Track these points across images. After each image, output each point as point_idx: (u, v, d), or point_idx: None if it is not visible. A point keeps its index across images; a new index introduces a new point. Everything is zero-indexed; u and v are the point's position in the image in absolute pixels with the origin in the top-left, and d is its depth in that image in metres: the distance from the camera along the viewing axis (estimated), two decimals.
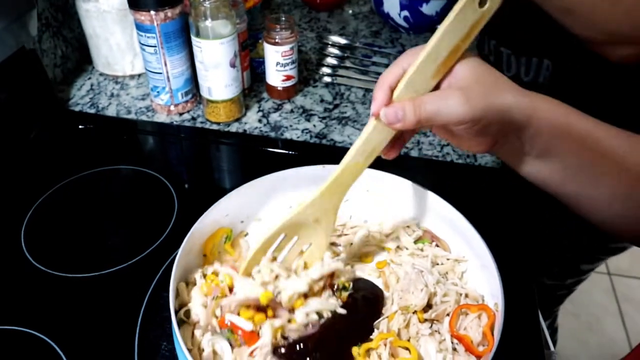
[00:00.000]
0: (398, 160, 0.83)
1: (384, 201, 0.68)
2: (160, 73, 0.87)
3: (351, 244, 0.66)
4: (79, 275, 0.66)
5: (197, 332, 0.55)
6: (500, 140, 0.48)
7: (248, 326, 0.53)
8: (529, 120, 0.45)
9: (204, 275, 0.60)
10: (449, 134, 0.50)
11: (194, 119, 0.91)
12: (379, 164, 0.68)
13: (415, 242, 0.66)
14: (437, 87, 0.47)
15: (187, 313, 0.57)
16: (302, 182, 0.68)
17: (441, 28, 0.44)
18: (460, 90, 0.44)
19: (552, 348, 0.74)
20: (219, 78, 0.84)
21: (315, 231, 0.58)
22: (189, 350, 0.52)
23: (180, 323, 0.56)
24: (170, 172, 0.81)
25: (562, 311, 1.71)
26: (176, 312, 0.55)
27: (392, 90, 0.47)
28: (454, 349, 0.54)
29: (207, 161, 0.87)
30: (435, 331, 0.56)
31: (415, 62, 0.45)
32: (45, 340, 0.59)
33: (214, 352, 0.54)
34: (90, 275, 0.66)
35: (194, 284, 0.60)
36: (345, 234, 0.67)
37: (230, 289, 0.57)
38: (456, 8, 0.44)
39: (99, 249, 0.71)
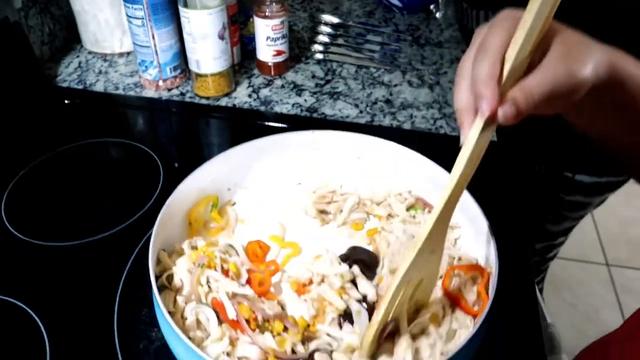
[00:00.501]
0: (390, 133, 0.82)
1: (375, 168, 0.66)
2: (148, 47, 0.85)
3: (341, 211, 0.64)
4: (59, 244, 0.64)
5: (180, 299, 0.53)
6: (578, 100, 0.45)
7: (232, 313, 0.50)
8: (611, 74, 0.42)
9: (194, 248, 0.58)
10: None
11: (182, 94, 0.89)
12: (371, 132, 0.67)
13: (408, 209, 0.64)
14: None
15: (170, 279, 0.55)
16: (290, 148, 0.66)
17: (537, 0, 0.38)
18: (560, 62, 0.40)
19: (548, 320, 0.72)
20: (207, 50, 0.82)
21: (429, 263, 0.49)
22: (171, 314, 0.50)
23: (162, 289, 0.54)
24: (157, 145, 0.79)
25: (560, 301, 1.70)
26: (157, 278, 0.53)
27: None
28: (451, 309, 0.52)
29: (195, 135, 0.86)
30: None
31: (515, 43, 0.39)
32: (22, 307, 0.57)
33: (198, 321, 0.52)
34: (71, 243, 0.64)
35: (180, 253, 0.58)
36: (335, 201, 0.65)
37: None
38: None
39: (82, 219, 0.69)
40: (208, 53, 0.82)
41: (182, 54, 0.89)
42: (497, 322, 0.48)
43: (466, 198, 0.57)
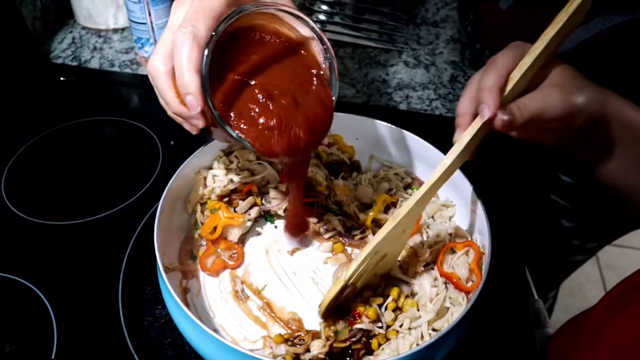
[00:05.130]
0: (386, 113, 0.83)
1: (373, 149, 0.67)
2: (144, 24, 0.85)
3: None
4: (61, 223, 0.65)
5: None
6: (573, 133, 0.50)
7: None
8: (602, 112, 0.49)
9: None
10: (534, 131, 0.50)
11: None
12: (367, 113, 0.68)
13: (405, 188, 0.65)
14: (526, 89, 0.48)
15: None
16: None
17: (548, 34, 0.46)
18: (557, 87, 0.47)
19: (535, 296, 0.75)
20: None
21: (398, 240, 0.52)
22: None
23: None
24: (155, 123, 0.79)
25: None
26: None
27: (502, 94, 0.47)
28: (446, 287, 0.54)
29: None
30: (431, 269, 0.56)
31: (521, 66, 0.46)
32: (27, 285, 0.58)
33: None
34: (73, 222, 0.65)
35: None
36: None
37: None
38: (563, 16, 0.45)
39: (82, 197, 0.69)
40: None
41: None
42: (488, 299, 0.50)
43: (460, 178, 0.59)
